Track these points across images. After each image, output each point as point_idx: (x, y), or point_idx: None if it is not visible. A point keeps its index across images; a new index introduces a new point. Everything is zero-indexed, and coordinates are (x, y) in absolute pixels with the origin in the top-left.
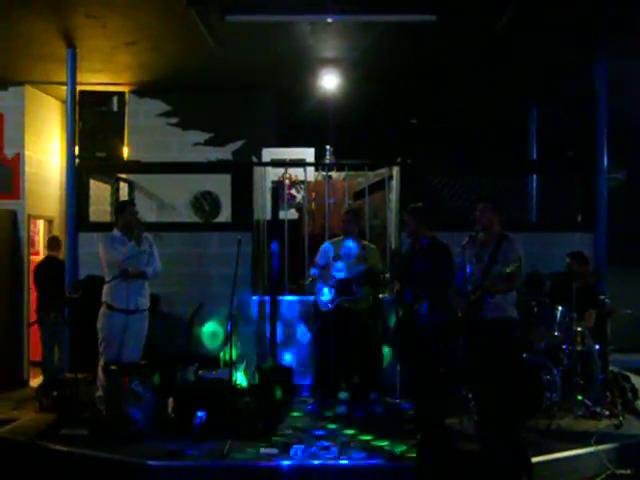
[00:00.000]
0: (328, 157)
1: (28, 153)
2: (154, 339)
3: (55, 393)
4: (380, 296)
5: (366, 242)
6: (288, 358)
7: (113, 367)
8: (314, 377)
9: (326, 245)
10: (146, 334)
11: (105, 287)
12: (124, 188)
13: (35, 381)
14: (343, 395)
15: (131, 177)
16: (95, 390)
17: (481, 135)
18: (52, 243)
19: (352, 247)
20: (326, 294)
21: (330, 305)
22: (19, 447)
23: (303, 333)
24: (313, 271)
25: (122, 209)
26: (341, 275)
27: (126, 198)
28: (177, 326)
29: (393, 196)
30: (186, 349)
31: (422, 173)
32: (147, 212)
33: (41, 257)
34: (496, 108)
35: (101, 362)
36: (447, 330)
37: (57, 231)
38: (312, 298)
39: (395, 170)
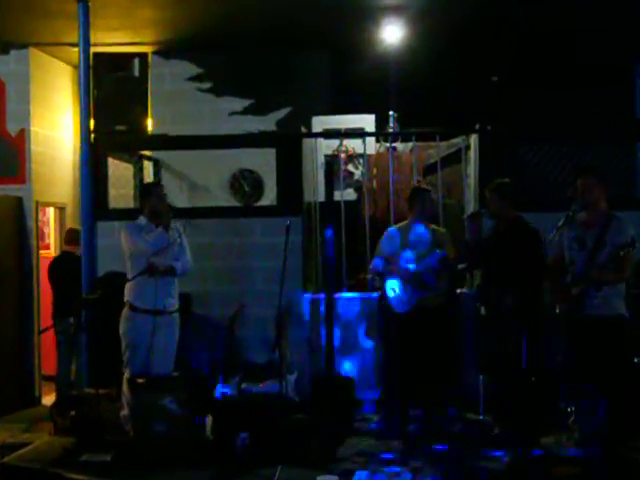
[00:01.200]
0: (392, 125)
1: (34, 129)
2: (187, 346)
3: (73, 412)
4: (458, 291)
5: (436, 226)
6: (348, 367)
7: (140, 380)
8: (380, 389)
9: (391, 231)
10: (178, 340)
11: (128, 285)
12: (149, 168)
13: (49, 398)
14: (415, 411)
15: (157, 154)
16: (120, 408)
17: (576, 96)
18: (71, 237)
19: (423, 233)
20: (398, 290)
21: (405, 303)
22: (32, 476)
23: (365, 337)
24: (376, 263)
25: (147, 192)
26: (411, 266)
27: (151, 179)
28: (214, 331)
29: (471, 170)
30: (225, 358)
31: (506, 142)
32: (176, 195)
33: (52, 252)
34: (594, 65)
35: (126, 375)
36: (540, 331)
37: (70, 220)
38: (376, 295)
39: (473, 139)
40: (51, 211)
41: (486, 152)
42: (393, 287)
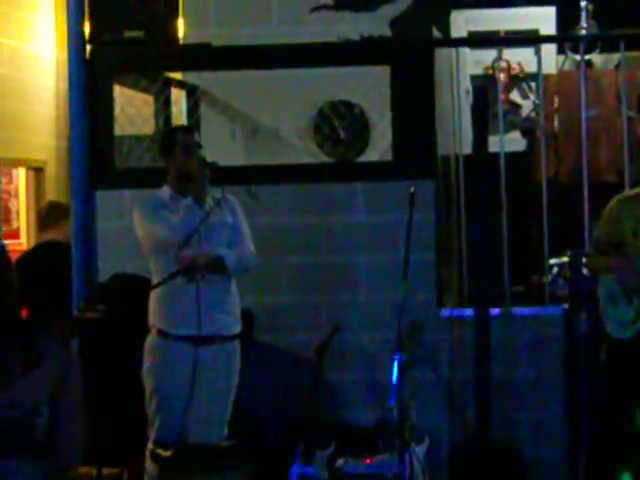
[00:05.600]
0: (584, 24)
1: None
2: (247, 393)
3: None
4: None
5: None
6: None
7: (168, 454)
8: (576, 467)
9: (616, 205)
10: (235, 386)
11: (152, 297)
12: (180, 100)
13: None
14: None
15: (194, 78)
16: None
17: None
18: (50, 216)
19: None
20: (620, 304)
21: (630, 326)
22: None
23: (547, 379)
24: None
25: (170, 142)
26: None
27: (184, 120)
28: (290, 370)
29: None
30: (309, 416)
31: None
32: (226, 147)
33: (23, 242)
34: None
35: (150, 444)
36: None
37: (52, 190)
38: (559, 310)
39: None
40: (21, 174)
41: None
42: (612, 295)
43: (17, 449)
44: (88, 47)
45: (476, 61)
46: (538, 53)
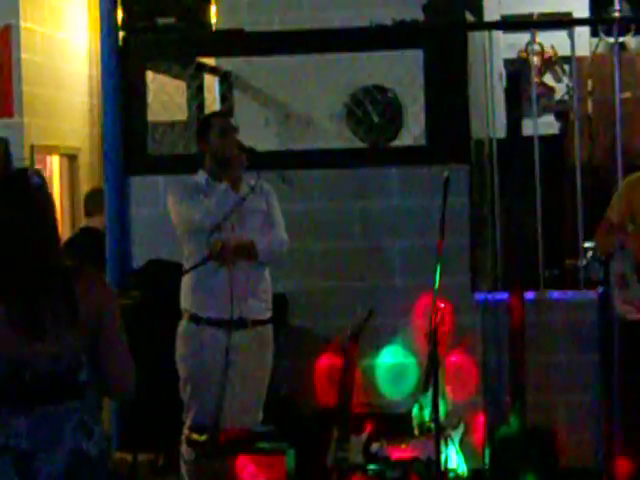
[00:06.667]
0: (617, 6)
1: (25, 25)
2: (281, 378)
3: None
4: None
5: None
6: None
7: (204, 438)
8: (601, 455)
9: (626, 186)
10: (270, 369)
11: (185, 282)
12: (213, 86)
13: None
14: None
15: (227, 64)
16: None
17: None
18: (94, 203)
19: None
20: (632, 284)
21: None
22: None
23: (582, 363)
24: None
25: (206, 128)
26: None
27: (217, 106)
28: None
29: None
30: (343, 401)
31: None
32: (259, 133)
33: (60, 230)
34: None
35: (185, 429)
36: None
37: (86, 177)
38: (595, 293)
39: None
40: (55, 162)
41: None
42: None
43: (65, 395)
44: (121, 34)
45: (509, 44)
46: (571, 36)
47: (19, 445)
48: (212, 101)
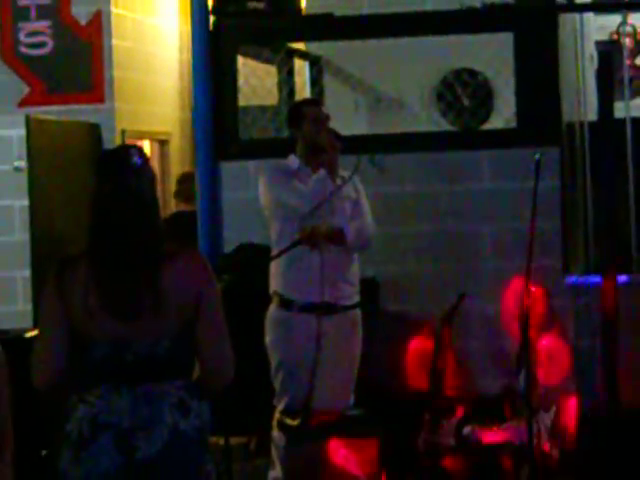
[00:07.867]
0: None
1: (116, 11)
2: (372, 362)
3: None
4: None
5: None
6: None
7: (296, 422)
8: None
9: None
10: (359, 353)
11: (273, 265)
12: (303, 71)
13: None
14: None
15: (317, 49)
16: (269, 466)
17: None
18: (187, 188)
19: None
20: None
21: None
22: None
23: None
24: None
25: (298, 116)
26: None
27: (308, 91)
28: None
29: None
30: (435, 384)
31: None
32: (349, 117)
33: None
34: None
35: (277, 413)
36: None
37: (177, 161)
38: None
39: None
40: (146, 146)
41: None
42: None
43: (165, 374)
44: (212, 19)
45: (601, 26)
46: None
47: (121, 423)
48: (302, 85)
